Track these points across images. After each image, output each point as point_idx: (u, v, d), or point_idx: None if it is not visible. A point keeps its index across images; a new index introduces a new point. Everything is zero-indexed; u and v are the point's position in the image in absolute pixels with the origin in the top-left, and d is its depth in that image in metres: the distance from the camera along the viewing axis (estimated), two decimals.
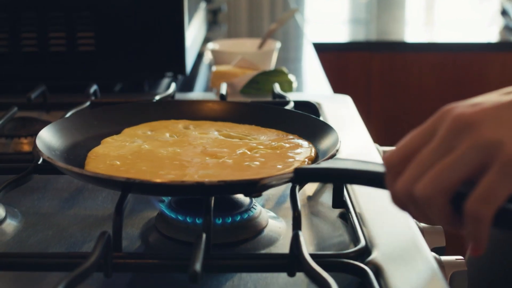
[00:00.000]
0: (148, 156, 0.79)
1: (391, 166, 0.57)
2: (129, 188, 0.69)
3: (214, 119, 0.93)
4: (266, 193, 0.86)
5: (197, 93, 1.44)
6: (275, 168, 0.75)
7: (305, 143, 0.84)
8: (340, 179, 0.71)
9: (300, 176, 0.68)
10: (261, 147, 0.83)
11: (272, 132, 0.89)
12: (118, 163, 0.77)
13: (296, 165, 0.76)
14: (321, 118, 0.88)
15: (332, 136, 0.80)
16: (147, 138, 0.85)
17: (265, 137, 0.87)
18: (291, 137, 0.86)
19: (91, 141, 0.84)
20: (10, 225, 0.77)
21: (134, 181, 0.66)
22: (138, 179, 0.67)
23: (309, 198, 0.85)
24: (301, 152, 0.80)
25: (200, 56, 1.77)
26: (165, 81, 1.47)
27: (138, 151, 0.81)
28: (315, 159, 0.79)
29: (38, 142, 0.77)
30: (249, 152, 0.81)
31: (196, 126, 0.91)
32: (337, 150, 0.75)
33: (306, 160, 0.78)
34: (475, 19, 2.92)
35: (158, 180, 0.70)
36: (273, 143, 0.84)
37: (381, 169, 0.60)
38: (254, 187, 0.67)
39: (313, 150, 0.81)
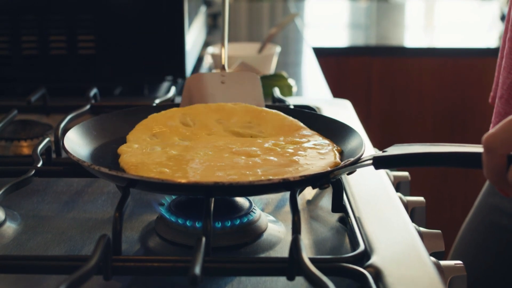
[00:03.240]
0: (188, 161, 0.77)
1: (492, 147, 0.61)
2: (216, 192, 0.70)
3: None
4: (266, 197, 0.86)
5: None
6: (318, 159, 0.78)
7: (315, 135, 0.87)
8: (423, 162, 0.73)
9: (381, 163, 0.72)
10: (282, 143, 0.84)
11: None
12: (167, 170, 0.75)
13: (329, 154, 0.80)
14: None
15: (354, 136, 0.83)
16: (164, 144, 0.83)
17: (270, 126, 0.88)
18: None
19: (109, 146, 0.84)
20: (10, 228, 0.77)
21: (227, 184, 0.68)
22: (233, 182, 0.69)
23: (309, 202, 0.85)
24: (322, 143, 0.83)
25: (200, 60, 1.78)
26: (165, 84, 1.47)
27: (171, 156, 0.79)
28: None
29: (69, 148, 0.77)
30: (279, 149, 0.82)
31: (194, 118, 0.90)
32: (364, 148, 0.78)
33: (335, 150, 0.82)
34: (475, 24, 2.92)
35: (250, 180, 0.71)
36: (288, 138, 0.86)
37: (470, 150, 0.66)
38: (328, 178, 0.73)
39: (326, 140, 0.85)
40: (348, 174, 0.78)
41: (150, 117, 0.90)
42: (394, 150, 0.72)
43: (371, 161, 0.72)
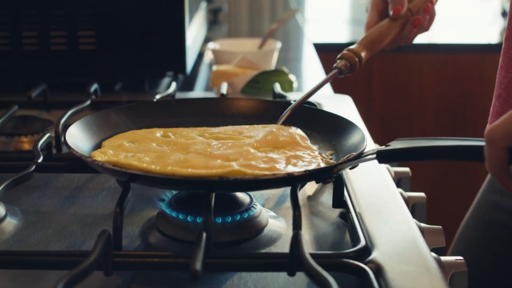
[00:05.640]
0: (167, 164, 0.74)
1: (494, 140, 0.62)
2: (218, 187, 0.70)
3: (225, 116, 0.93)
4: (266, 193, 0.86)
5: (198, 93, 1.44)
6: (301, 161, 0.77)
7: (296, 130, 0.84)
8: (428, 156, 0.73)
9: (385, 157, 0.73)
10: (254, 143, 0.82)
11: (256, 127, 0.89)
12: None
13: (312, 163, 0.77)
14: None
15: (356, 131, 0.83)
16: (138, 150, 0.80)
17: (254, 132, 0.86)
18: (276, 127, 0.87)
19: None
20: (10, 223, 0.77)
21: (231, 178, 0.68)
22: (238, 177, 0.68)
23: (309, 198, 0.85)
24: (310, 154, 0.80)
25: (200, 55, 1.78)
26: (166, 80, 1.47)
27: (147, 162, 0.75)
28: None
29: (71, 142, 0.76)
30: (259, 153, 0.78)
31: (175, 134, 0.87)
32: (365, 143, 0.77)
33: (324, 160, 0.79)
34: (476, 20, 2.92)
35: (256, 173, 0.70)
36: (269, 137, 0.83)
37: (473, 143, 0.67)
38: (331, 173, 0.73)
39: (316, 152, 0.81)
40: (351, 168, 0.78)
41: (130, 131, 0.87)
42: (397, 144, 0.72)
43: (374, 155, 0.72)
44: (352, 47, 0.98)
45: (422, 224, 0.78)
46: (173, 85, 1.18)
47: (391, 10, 1.00)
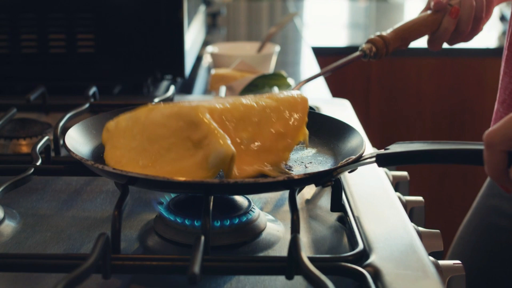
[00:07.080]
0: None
1: (493, 144, 0.62)
2: (217, 190, 0.71)
3: None
4: (265, 196, 0.86)
5: (196, 96, 1.45)
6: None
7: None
8: (427, 159, 0.74)
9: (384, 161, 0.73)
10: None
11: None
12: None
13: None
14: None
15: (354, 134, 0.83)
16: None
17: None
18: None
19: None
20: (9, 226, 0.77)
21: (232, 182, 0.68)
22: (238, 180, 0.69)
23: (308, 202, 0.85)
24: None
25: (199, 59, 1.78)
26: (164, 83, 1.47)
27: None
28: None
29: (70, 145, 0.77)
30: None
31: None
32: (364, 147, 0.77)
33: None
34: None
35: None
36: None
37: (472, 147, 0.67)
38: (331, 176, 0.74)
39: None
40: (350, 172, 0.78)
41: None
42: (397, 147, 0.72)
43: (374, 159, 0.72)
44: (383, 32, 0.99)
45: (420, 228, 0.79)
46: (172, 88, 1.18)
47: (433, 2, 1.01)
